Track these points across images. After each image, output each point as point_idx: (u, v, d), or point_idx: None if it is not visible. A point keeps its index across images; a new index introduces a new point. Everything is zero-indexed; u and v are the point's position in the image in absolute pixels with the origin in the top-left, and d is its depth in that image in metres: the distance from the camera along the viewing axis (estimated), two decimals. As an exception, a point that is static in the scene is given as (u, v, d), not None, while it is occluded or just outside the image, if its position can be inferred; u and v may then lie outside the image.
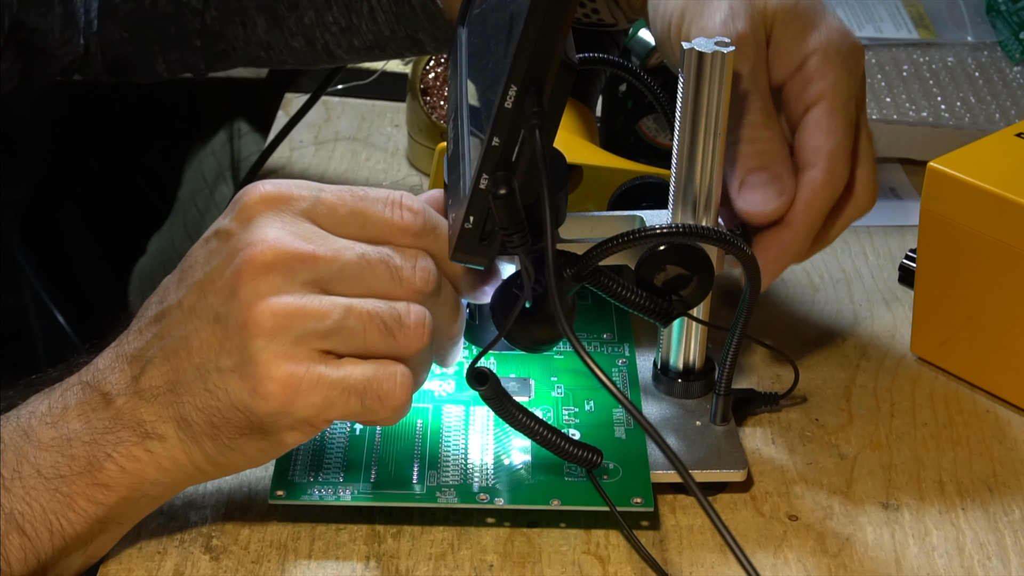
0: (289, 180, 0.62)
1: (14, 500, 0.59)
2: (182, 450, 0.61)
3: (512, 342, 0.66)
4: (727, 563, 0.66)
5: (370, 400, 0.60)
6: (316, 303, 0.59)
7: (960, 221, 0.74)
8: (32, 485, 0.60)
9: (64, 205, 1.63)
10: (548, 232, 0.58)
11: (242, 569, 0.65)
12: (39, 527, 0.60)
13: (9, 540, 0.59)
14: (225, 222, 0.61)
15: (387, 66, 1.11)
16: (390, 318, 0.60)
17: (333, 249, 0.60)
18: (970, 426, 0.75)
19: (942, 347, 0.79)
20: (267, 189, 0.61)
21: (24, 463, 0.60)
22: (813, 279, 0.87)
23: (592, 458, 0.66)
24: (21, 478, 0.60)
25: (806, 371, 0.79)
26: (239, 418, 0.60)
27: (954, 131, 0.98)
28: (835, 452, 0.73)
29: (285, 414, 0.59)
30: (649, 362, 0.75)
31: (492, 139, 0.58)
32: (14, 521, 0.59)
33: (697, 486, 0.58)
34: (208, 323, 0.59)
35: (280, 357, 0.58)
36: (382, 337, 0.60)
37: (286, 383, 0.58)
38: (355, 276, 0.60)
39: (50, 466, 0.60)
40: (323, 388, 0.59)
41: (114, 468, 0.60)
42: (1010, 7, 1.10)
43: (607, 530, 0.67)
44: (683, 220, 0.67)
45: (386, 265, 0.60)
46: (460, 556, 0.66)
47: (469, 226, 0.60)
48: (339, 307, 0.59)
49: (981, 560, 0.67)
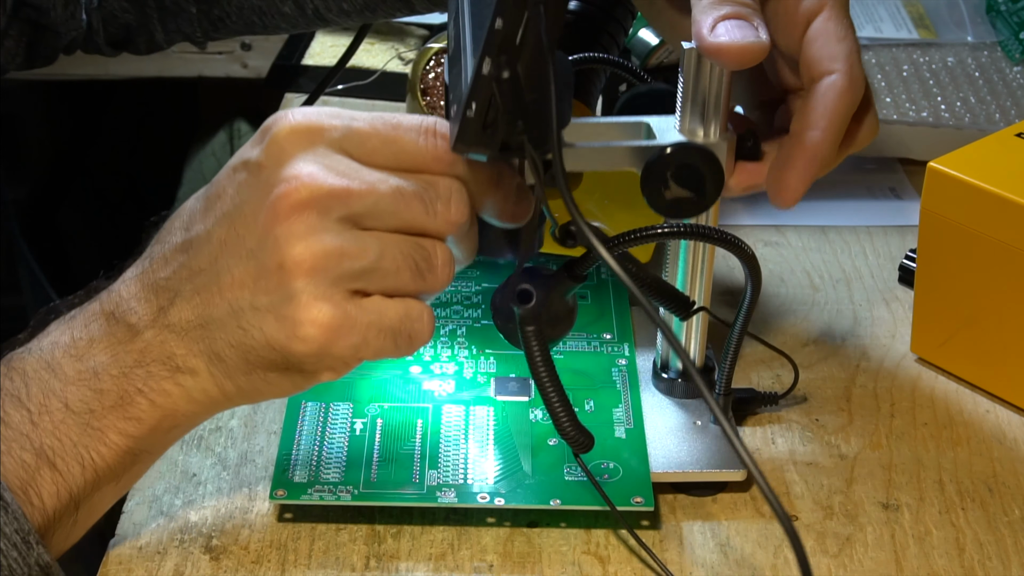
0: (319, 108, 0.60)
1: (43, 435, 0.59)
2: (214, 384, 0.60)
3: (513, 342, 0.66)
4: (727, 563, 0.66)
5: (402, 339, 0.59)
6: (352, 244, 0.57)
7: (960, 221, 0.74)
8: (61, 419, 0.59)
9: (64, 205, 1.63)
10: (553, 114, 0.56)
11: (242, 569, 0.65)
12: (70, 461, 0.59)
13: (40, 475, 0.59)
14: (254, 154, 0.59)
15: (387, 66, 1.11)
16: (422, 259, 0.59)
17: (367, 183, 0.58)
18: (970, 426, 0.75)
19: (942, 347, 0.79)
20: (298, 120, 0.59)
21: (51, 397, 0.59)
22: (813, 279, 0.87)
23: (581, 441, 0.64)
24: (50, 413, 0.59)
25: (806, 371, 0.79)
26: (275, 356, 0.59)
27: (954, 131, 0.98)
28: (835, 452, 0.73)
29: (323, 356, 0.58)
30: (649, 362, 0.75)
31: (495, 21, 0.55)
32: (44, 456, 0.59)
33: None
34: (240, 260, 0.58)
35: (319, 299, 0.57)
36: (412, 278, 0.59)
37: (326, 326, 0.57)
38: (390, 210, 0.58)
39: (79, 400, 0.59)
40: (360, 329, 0.58)
41: (145, 402, 0.60)
42: (1010, 7, 1.10)
43: (607, 530, 0.67)
44: (690, 127, 0.65)
45: (421, 199, 0.59)
46: (460, 556, 0.66)
47: (471, 114, 0.57)
48: (374, 248, 0.58)
49: (981, 560, 0.67)
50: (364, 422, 0.71)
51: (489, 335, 0.77)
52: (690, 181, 0.64)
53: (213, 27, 0.90)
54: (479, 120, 0.57)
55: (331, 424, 0.71)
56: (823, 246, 0.91)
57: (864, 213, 0.95)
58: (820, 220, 0.94)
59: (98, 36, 0.88)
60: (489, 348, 0.77)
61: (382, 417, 0.72)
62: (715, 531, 0.68)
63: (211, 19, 0.89)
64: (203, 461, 0.72)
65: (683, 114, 0.65)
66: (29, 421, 0.59)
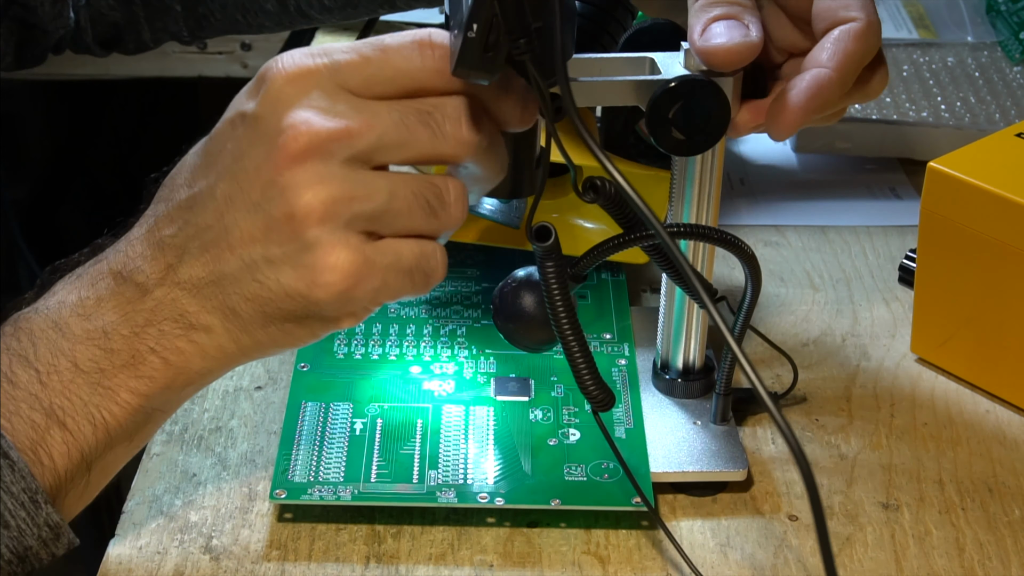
0: (310, 49, 0.58)
1: (53, 395, 0.58)
2: (230, 339, 0.59)
3: (512, 342, 0.66)
4: (727, 563, 0.66)
5: (419, 278, 0.58)
6: (361, 186, 0.56)
7: (960, 221, 0.74)
8: (70, 379, 0.58)
9: (64, 205, 1.63)
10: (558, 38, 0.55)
11: (242, 569, 0.65)
12: (80, 421, 0.58)
13: (51, 435, 0.58)
14: (251, 106, 0.58)
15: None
16: (433, 197, 0.58)
17: (367, 119, 0.57)
18: (970, 426, 0.75)
19: (942, 347, 0.79)
20: (289, 67, 0.57)
21: (60, 357, 0.59)
22: (813, 279, 0.87)
23: (602, 398, 0.63)
24: (58, 372, 0.58)
25: (806, 371, 0.79)
26: (294, 306, 0.58)
27: (954, 131, 0.98)
28: (835, 452, 0.73)
29: (345, 301, 0.57)
30: (649, 362, 0.75)
31: None
32: (54, 415, 0.58)
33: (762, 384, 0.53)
34: (248, 214, 0.57)
35: (335, 245, 0.56)
36: (425, 218, 0.58)
37: (346, 271, 0.56)
38: (396, 143, 0.57)
39: (88, 360, 0.59)
40: (379, 272, 0.57)
41: (157, 361, 0.59)
42: (1010, 7, 1.10)
43: (607, 530, 0.67)
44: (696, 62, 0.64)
45: (426, 124, 0.57)
46: (460, 556, 0.66)
47: (472, 35, 0.55)
48: (384, 189, 0.57)
49: (981, 560, 0.67)
50: (364, 422, 0.71)
51: (489, 335, 0.77)
52: (696, 116, 0.63)
53: (198, 25, 0.89)
54: (480, 41, 0.55)
55: (331, 424, 0.71)
56: (823, 246, 0.91)
57: (864, 213, 0.95)
58: (820, 220, 0.94)
59: (86, 35, 0.88)
60: (489, 348, 0.77)
61: (382, 417, 0.72)
62: (715, 531, 0.68)
63: (196, 17, 0.88)
64: (203, 461, 0.72)
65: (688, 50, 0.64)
66: (38, 381, 0.58)
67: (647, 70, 0.65)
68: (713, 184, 0.68)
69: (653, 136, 0.63)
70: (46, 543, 0.58)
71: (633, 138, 0.88)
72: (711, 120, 0.63)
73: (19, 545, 0.57)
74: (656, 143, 0.63)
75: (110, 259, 0.60)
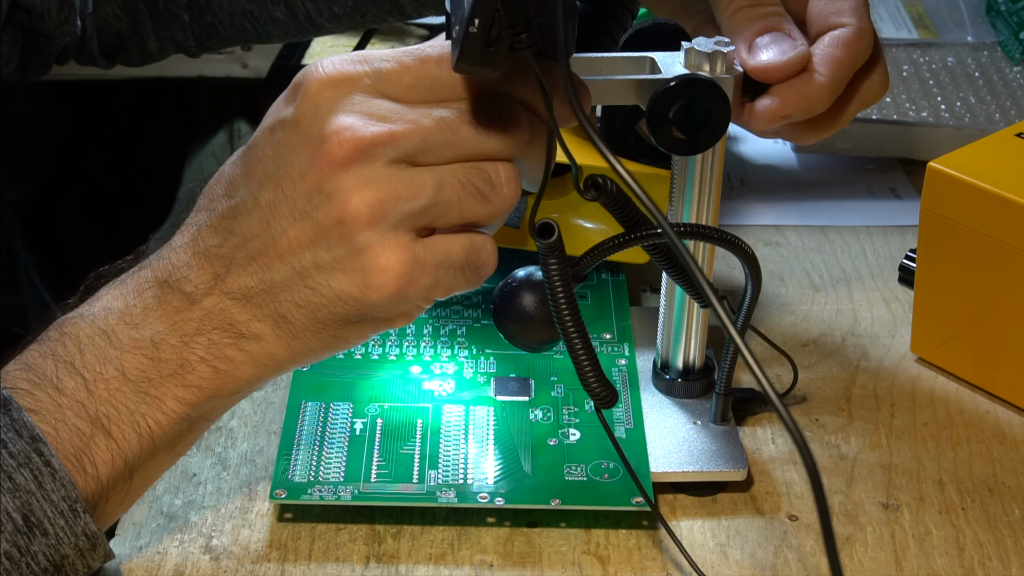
0: (346, 56, 0.58)
1: (99, 403, 0.58)
2: (281, 345, 0.59)
3: (513, 342, 0.66)
4: (727, 563, 0.66)
5: (470, 272, 0.59)
6: (407, 183, 0.56)
7: (960, 221, 0.74)
8: (117, 387, 0.58)
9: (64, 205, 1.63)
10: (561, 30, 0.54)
11: (242, 569, 0.65)
12: (126, 429, 0.59)
13: (95, 443, 0.58)
14: (289, 112, 0.58)
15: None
16: (483, 182, 0.58)
17: (410, 121, 0.57)
18: (970, 426, 0.75)
19: (942, 347, 0.79)
20: (328, 72, 0.57)
21: (107, 365, 0.59)
22: (813, 279, 0.87)
23: (604, 395, 0.63)
24: (105, 380, 0.58)
25: (806, 371, 0.79)
26: (347, 310, 0.58)
27: (954, 131, 0.98)
28: (835, 452, 0.73)
29: (398, 301, 0.58)
30: (649, 362, 0.75)
31: None
32: (100, 424, 0.58)
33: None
34: (295, 221, 0.57)
35: (386, 247, 0.56)
36: (477, 203, 0.58)
37: (398, 272, 0.57)
38: (440, 144, 0.57)
39: (136, 368, 0.59)
40: (431, 270, 0.57)
41: (207, 369, 0.59)
42: (1010, 7, 1.10)
43: (607, 530, 0.68)
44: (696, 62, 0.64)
45: (469, 123, 0.57)
46: (460, 556, 0.66)
47: (474, 30, 0.55)
48: (430, 183, 0.57)
49: (981, 560, 0.67)
50: (364, 422, 0.71)
51: (489, 335, 0.77)
52: (696, 115, 0.63)
53: (206, 35, 0.89)
54: (482, 36, 0.55)
55: (331, 424, 0.71)
56: (823, 246, 0.91)
57: (864, 213, 0.95)
58: (820, 220, 0.94)
59: (92, 43, 0.88)
60: (489, 348, 0.77)
61: (382, 417, 0.72)
62: (715, 531, 0.68)
63: (204, 26, 0.88)
64: (203, 461, 0.72)
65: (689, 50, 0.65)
66: (84, 388, 0.58)
67: (647, 69, 0.65)
68: (713, 184, 0.68)
69: (653, 135, 0.63)
70: (83, 553, 0.58)
71: (633, 138, 0.88)
72: (711, 119, 0.63)
73: (56, 553, 0.57)
74: (656, 142, 0.63)
75: (155, 267, 0.60)
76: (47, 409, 0.58)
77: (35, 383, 0.58)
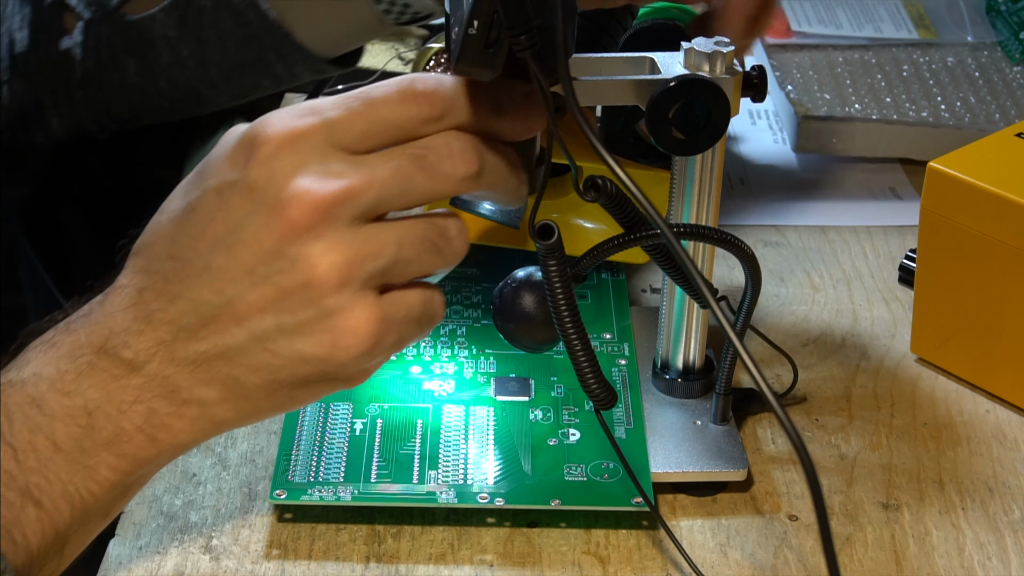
0: (292, 110, 0.57)
1: (29, 473, 0.56)
2: (227, 408, 0.58)
3: (513, 342, 0.66)
4: (727, 563, 0.66)
5: (426, 323, 0.59)
6: (371, 243, 0.56)
7: (960, 221, 0.74)
8: (48, 457, 0.57)
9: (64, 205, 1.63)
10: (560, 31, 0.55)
11: (242, 569, 0.65)
12: (58, 500, 0.57)
13: (25, 513, 0.56)
14: (238, 174, 0.56)
15: (387, 66, 1.11)
16: (437, 236, 0.58)
17: (366, 175, 0.56)
18: (970, 426, 0.75)
19: (942, 347, 0.79)
20: (279, 131, 0.56)
21: (38, 435, 0.57)
22: (813, 279, 0.87)
23: (604, 396, 0.63)
24: (36, 451, 0.57)
25: (806, 371, 0.79)
26: (308, 371, 0.57)
27: (954, 131, 0.98)
28: (835, 452, 0.73)
29: (365, 360, 0.57)
30: (649, 362, 0.75)
31: None
32: (30, 495, 0.56)
33: None
34: (253, 286, 0.56)
35: (355, 308, 0.56)
36: (432, 257, 0.58)
37: (368, 332, 0.56)
38: (396, 193, 0.57)
39: (68, 438, 0.57)
40: (396, 326, 0.57)
41: (143, 438, 0.57)
42: (1010, 7, 1.10)
43: (607, 530, 0.68)
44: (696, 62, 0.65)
45: (421, 167, 0.57)
46: (460, 556, 0.66)
47: (473, 31, 0.55)
48: (392, 241, 0.57)
49: (981, 560, 0.67)
50: (364, 422, 0.71)
51: (489, 335, 0.77)
52: (696, 116, 0.63)
53: (103, 111, 0.89)
54: (481, 38, 0.55)
55: (331, 424, 0.71)
56: (823, 246, 0.91)
57: (864, 213, 0.95)
58: (820, 220, 0.94)
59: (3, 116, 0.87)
60: (489, 348, 0.77)
61: (382, 417, 0.72)
62: (715, 531, 0.68)
63: (99, 102, 0.88)
64: (203, 461, 0.72)
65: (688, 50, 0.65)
66: (13, 459, 0.57)
67: (647, 70, 0.65)
68: (713, 184, 0.68)
69: (653, 136, 0.63)
70: None
71: (633, 138, 0.88)
72: (711, 119, 0.63)
73: None
74: (656, 143, 0.63)
75: (90, 331, 0.58)
76: None
77: None
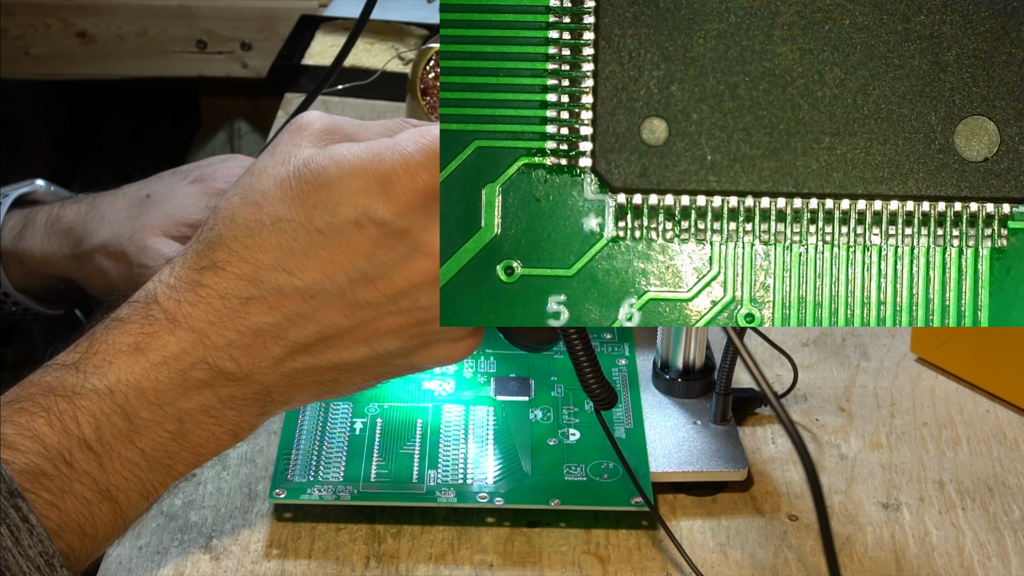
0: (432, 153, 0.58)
1: (111, 475, 0.57)
2: (300, 403, 0.61)
3: (513, 342, 0.66)
4: (727, 563, 0.66)
5: None
6: None
7: (960, 221, 0.74)
8: (134, 463, 0.58)
9: (64, 205, 1.63)
10: None
11: (242, 569, 0.65)
12: (134, 496, 0.58)
13: (100, 509, 0.57)
14: (383, 215, 0.57)
15: (387, 66, 1.11)
16: None
17: None
18: (970, 426, 0.75)
19: (942, 347, 0.79)
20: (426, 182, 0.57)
21: (126, 443, 0.57)
22: (813, 279, 0.87)
23: (604, 396, 0.63)
24: (121, 458, 0.57)
25: (806, 371, 0.79)
26: (407, 372, 0.61)
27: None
28: (835, 452, 0.73)
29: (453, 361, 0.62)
30: (649, 362, 0.75)
31: None
32: (108, 494, 0.58)
33: None
34: (389, 314, 0.59)
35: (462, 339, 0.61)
36: None
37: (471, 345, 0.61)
38: None
39: (156, 447, 0.58)
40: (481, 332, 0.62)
41: (227, 437, 0.60)
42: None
43: (607, 530, 0.68)
44: None
45: None
46: (460, 556, 0.66)
47: None
48: None
49: (981, 560, 0.67)
50: (364, 422, 0.71)
51: (489, 335, 0.77)
52: None
53: None
54: None
55: (331, 424, 0.71)
56: (823, 246, 0.91)
57: (864, 213, 0.95)
58: (820, 220, 0.94)
59: None
60: (489, 348, 0.77)
61: (382, 417, 0.72)
62: (715, 531, 0.68)
63: None
64: (203, 461, 0.72)
65: None
66: (98, 465, 0.57)
67: None
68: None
69: None
70: None
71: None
72: None
73: None
74: None
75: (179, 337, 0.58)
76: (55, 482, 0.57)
77: (44, 455, 0.57)
